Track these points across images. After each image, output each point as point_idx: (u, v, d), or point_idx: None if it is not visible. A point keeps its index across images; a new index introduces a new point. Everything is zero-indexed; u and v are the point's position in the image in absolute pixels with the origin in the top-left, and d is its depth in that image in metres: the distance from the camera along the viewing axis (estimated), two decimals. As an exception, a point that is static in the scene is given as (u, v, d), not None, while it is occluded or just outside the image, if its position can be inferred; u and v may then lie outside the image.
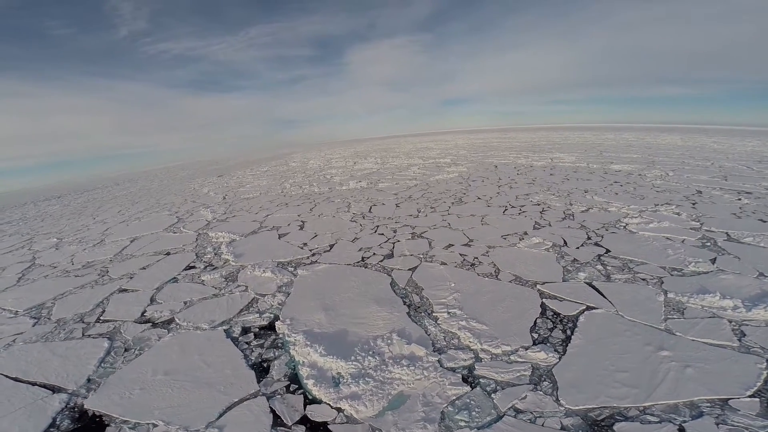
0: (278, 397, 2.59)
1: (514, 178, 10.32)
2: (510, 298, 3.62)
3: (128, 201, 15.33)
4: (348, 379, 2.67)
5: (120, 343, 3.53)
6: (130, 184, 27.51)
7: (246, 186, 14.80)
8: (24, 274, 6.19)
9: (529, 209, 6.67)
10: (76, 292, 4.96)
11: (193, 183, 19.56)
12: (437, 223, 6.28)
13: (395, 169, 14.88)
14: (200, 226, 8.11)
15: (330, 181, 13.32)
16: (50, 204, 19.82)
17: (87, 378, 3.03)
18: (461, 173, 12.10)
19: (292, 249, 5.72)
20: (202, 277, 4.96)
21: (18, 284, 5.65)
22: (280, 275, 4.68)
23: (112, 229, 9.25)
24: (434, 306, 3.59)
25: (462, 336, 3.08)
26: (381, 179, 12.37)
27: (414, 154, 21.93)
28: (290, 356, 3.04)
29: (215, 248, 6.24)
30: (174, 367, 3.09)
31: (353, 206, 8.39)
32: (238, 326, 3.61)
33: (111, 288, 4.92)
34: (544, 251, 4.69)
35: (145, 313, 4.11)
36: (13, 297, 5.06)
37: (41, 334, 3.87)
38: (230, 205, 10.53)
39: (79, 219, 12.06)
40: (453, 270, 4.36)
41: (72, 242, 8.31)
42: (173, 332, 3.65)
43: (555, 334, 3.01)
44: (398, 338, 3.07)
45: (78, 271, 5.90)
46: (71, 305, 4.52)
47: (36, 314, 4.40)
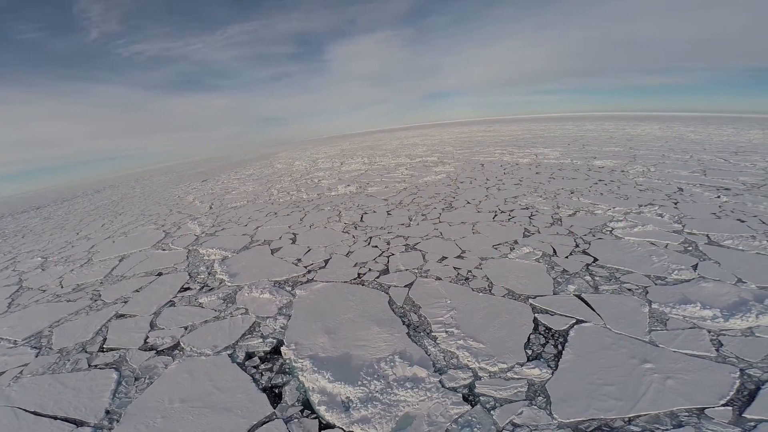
0: (295, 421, 2.72)
1: (501, 178, 10.50)
2: (504, 314, 3.75)
3: (111, 212, 15.00)
4: (357, 403, 2.80)
5: (129, 372, 3.55)
6: (111, 191, 26.85)
7: (232, 192, 14.64)
8: (13, 298, 6.07)
9: (518, 214, 6.84)
10: (72, 318, 4.91)
11: (177, 190, 19.23)
12: (429, 232, 6.39)
13: (383, 170, 14.93)
14: (189, 241, 8.03)
15: (318, 185, 13.29)
16: (29, 216, 19.22)
17: (105, 410, 3.06)
18: (449, 173, 12.24)
19: (286, 266, 5.74)
20: (199, 300, 4.96)
21: (9, 310, 5.55)
22: (278, 296, 4.72)
23: (97, 246, 9.08)
24: (432, 325, 3.70)
25: (460, 355, 3.20)
26: (370, 182, 12.41)
27: (401, 152, 22.00)
28: (299, 382, 3.14)
29: (208, 267, 6.22)
30: (188, 394, 3.16)
31: (344, 215, 8.43)
32: (242, 351, 3.67)
33: (107, 314, 4.88)
34: (535, 262, 4.85)
35: (147, 339, 4.12)
36: (8, 325, 4.98)
37: (46, 365, 3.85)
38: (217, 216, 10.42)
39: (62, 234, 11.77)
40: (448, 285, 4.47)
41: (58, 262, 8.15)
42: (178, 359, 3.69)
43: (547, 350, 3.16)
44: (400, 360, 3.19)
45: (69, 295, 5.82)
46: (70, 333, 4.48)
47: (36, 344, 4.35)
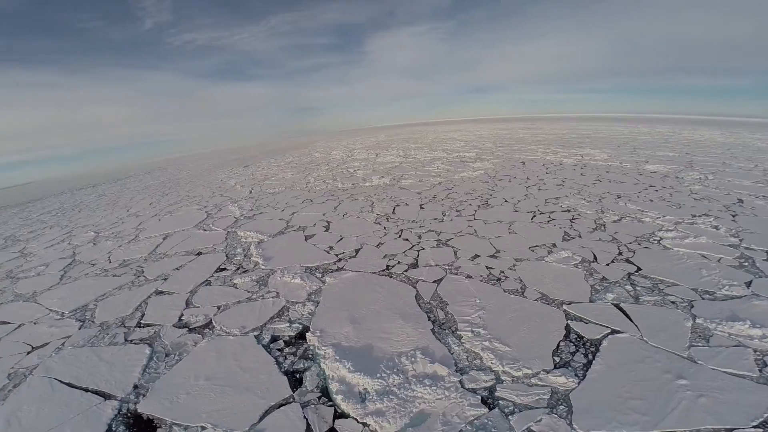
0: (312, 407, 2.76)
1: (543, 177, 10.07)
2: (535, 319, 3.60)
3: (159, 192, 15.89)
4: (374, 395, 2.80)
5: (160, 349, 3.73)
6: (160, 172, 28.45)
7: (271, 179, 15.05)
8: (66, 271, 6.56)
9: (558, 216, 6.53)
10: (116, 293, 5.23)
11: (220, 173, 20.04)
12: (463, 229, 6.24)
13: (418, 164, 14.77)
14: (229, 223, 8.35)
15: (353, 175, 13.38)
16: (86, 193, 20.78)
17: (134, 384, 3.22)
18: (487, 170, 11.90)
19: (319, 253, 5.82)
20: (234, 281, 5.14)
21: (61, 282, 6.00)
22: (308, 282, 4.79)
23: (145, 223, 9.64)
24: (458, 323, 3.62)
25: (485, 357, 3.12)
26: (404, 175, 12.32)
27: (437, 146, 21.67)
28: (321, 369, 3.18)
29: (245, 249, 6.43)
30: (213, 372, 3.28)
31: (377, 206, 8.42)
32: (269, 333, 3.77)
33: (148, 290, 5.16)
34: (573, 267, 4.61)
35: (182, 317, 4.31)
36: (58, 296, 5.38)
37: (87, 338, 4.11)
38: (257, 200, 10.76)
39: (114, 211, 12.61)
40: (478, 284, 4.35)
41: (108, 237, 8.73)
42: (208, 338, 3.83)
43: (577, 358, 3.02)
44: (422, 356, 3.14)
45: (115, 270, 6.22)
46: (112, 307, 4.77)
47: (81, 317, 4.67)
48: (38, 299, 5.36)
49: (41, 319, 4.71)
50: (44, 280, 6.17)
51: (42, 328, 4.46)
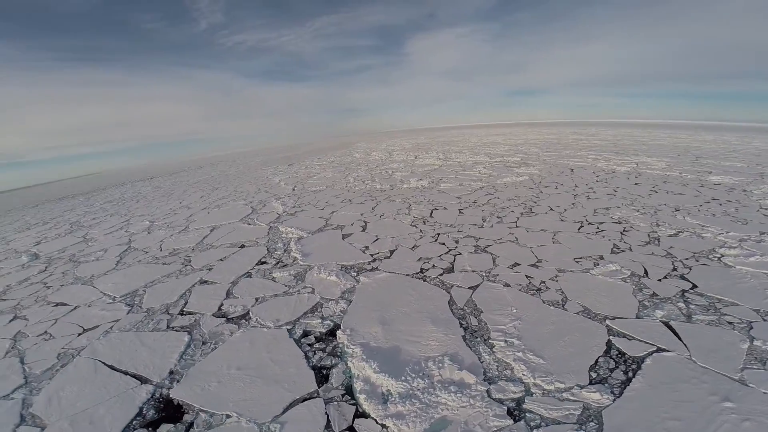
0: (334, 404, 2.79)
1: (593, 185, 9.54)
2: (574, 332, 3.42)
3: (209, 186, 16.79)
4: (396, 397, 2.78)
5: (198, 337, 3.92)
6: (211, 168, 30.08)
7: (313, 177, 15.44)
8: (121, 257, 7.09)
9: (608, 228, 6.15)
10: (164, 281, 5.57)
11: (265, 171, 20.86)
12: (503, 236, 6.05)
13: (459, 167, 14.52)
14: (272, 219, 8.65)
15: (391, 177, 13.40)
16: (144, 185, 22.41)
17: (170, 370, 3.39)
18: (532, 176, 11.47)
19: (354, 252, 5.88)
20: (273, 274, 5.31)
21: (116, 268, 6.48)
22: (343, 280, 4.85)
23: (195, 215, 10.23)
24: (492, 332, 3.51)
25: (516, 368, 3.01)
26: (443, 178, 12.17)
27: (479, 150, 21.21)
28: (347, 367, 3.20)
29: (285, 244, 6.63)
30: (245, 362, 3.39)
31: (414, 208, 8.37)
32: (301, 328, 3.86)
33: (193, 279, 5.45)
34: (620, 281, 4.32)
35: (221, 307, 4.51)
36: (113, 281, 5.81)
37: (133, 323, 4.39)
38: (299, 197, 11.08)
39: (168, 202, 13.48)
40: (516, 293, 4.19)
41: (161, 226, 9.34)
42: (243, 328, 3.99)
43: (615, 375, 2.86)
44: (450, 362, 3.08)
45: (165, 258, 6.63)
46: (159, 294, 5.08)
47: (130, 302, 5.00)
48: (95, 283, 5.83)
49: (95, 302, 5.11)
50: (101, 265, 6.70)
51: (94, 311, 4.83)
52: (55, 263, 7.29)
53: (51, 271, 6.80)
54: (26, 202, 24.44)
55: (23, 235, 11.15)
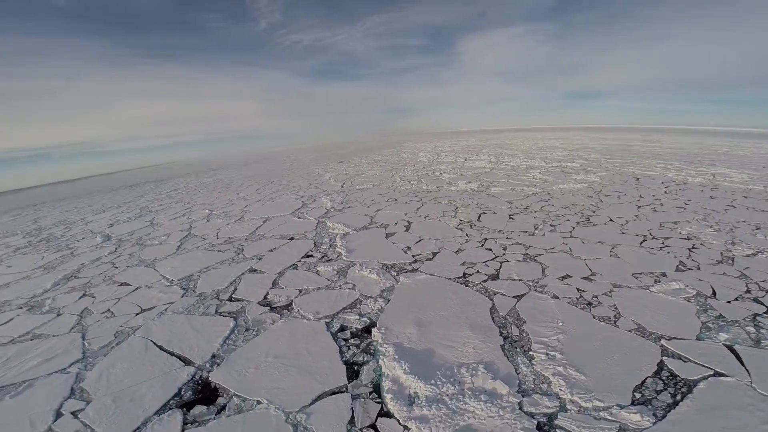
0: (360, 400, 2.80)
1: (660, 197, 8.74)
2: (623, 350, 3.17)
3: (265, 180, 17.62)
4: (423, 400, 2.73)
5: (243, 323, 4.10)
6: (268, 163, 31.58)
7: (361, 175, 15.64)
8: (182, 243, 7.62)
9: (674, 243, 5.59)
10: (217, 267, 5.90)
11: (317, 167, 21.50)
12: (556, 245, 5.71)
13: (511, 171, 13.99)
14: (320, 214, 8.89)
15: (438, 178, 13.21)
16: (206, 176, 24.01)
17: (212, 354, 3.57)
18: (592, 184, 10.75)
19: (396, 252, 5.85)
20: (317, 268, 5.44)
21: (176, 253, 6.97)
22: (383, 278, 4.84)
23: (250, 206, 10.77)
24: (533, 344, 3.33)
25: (554, 382, 2.84)
26: (494, 182, 11.77)
27: (535, 154, 20.27)
28: (378, 365, 3.20)
29: (331, 239, 6.77)
30: (282, 351, 3.49)
31: (461, 211, 8.17)
32: (339, 322, 3.91)
33: (243, 267, 5.73)
34: (683, 300, 3.91)
35: (267, 296, 4.69)
36: (172, 265, 6.25)
37: (186, 306, 4.67)
38: (347, 194, 11.28)
39: (226, 193, 14.33)
40: (565, 306, 3.93)
41: (219, 216, 9.93)
42: (285, 318, 4.11)
43: (661, 397, 2.64)
44: (484, 371, 2.97)
45: (221, 246, 7.03)
46: (212, 280, 5.38)
47: (185, 285, 5.34)
48: (156, 266, 6.31)
49: (155, 284, 5.52)
50: (164, 249, 7.25)
51: (153, 292, 5.21)
52: (124, 245, 8.01)
53: (120, 252, 7.48)
54: (105, 187, 27.24)
55: (99, 217, 12.41)
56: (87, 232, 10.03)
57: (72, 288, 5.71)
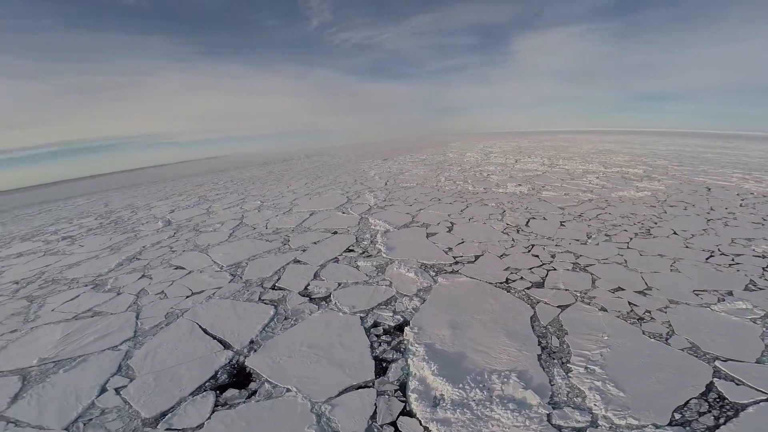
0: (385, 397, 2.81)
1: (734, 210, 7.88)
2: (670, 369, 2.93)
3: (313, 175, 18.17)
4: (447, 403, 2.68)
5: (282, 312, 4.25)
6: (316, 158, 32.53)
7: (405, 174, 15.63)
8: (234, 231, 8.06)
9: (746, 261, 5.01)
10: (264, 256, 6.17)
11: (362, 164, 21.79)
12: (609, 256, 5.34)
13: (566, 175, 13.28)
14: (363, 210, 9.01)
15: (486, 180, 12.85)
16: (259, 169, 25.21)
17: (250, 340, 3.72)
18: (656, 192, 9.93)
19: (437, 252, 5.78)
20: (357, 262, 5.53)
21: (228, 240, 7.38)
22: (421, 278, 4.81)
23: (298, 199, 11.17)
24: (573, 356, 3.16)
25: (589, 397, 2.68)
26: (546, 185, 11.24)
27: (593, 158, 19.09)
28: (407, 364, 3.18)
29: (372, 236, 6.84)
30: (316, 342, 3.58)
31: (508, 215, 7.90)
32: (373, 318, 3.94)
33: (288, 257, 5.95)
34: (748, 321, 3.51)
35: (307, 287, 4.84)
36: (223, 252, 6.63)
37: (232, 291, 4.92)
38: (390, 192, 11.33)
39: (277, 186, 14.95)
40: (612, 320, 3.68)
41: (269, 207, 10.39)
42: (322, 309, 4.21)
43: (703, 420, 2.43)
44: (516, 379, 2.85)
45: (269, 236, 7.35)
46: (258, 268, 5.63)
47: (233, 272, 5.63)
48: (209, 252, 6.71)
49: (206, 269, 5.87)
50: (217, 236, 7.71)
51: (204, 277, 5.54)
52: (182, 230, 8.63)
53: (177, 237, 8.06)
54: (170, 176, 29.49)
55: (162, 203, 13.47)
56: (150, 216, 10.93)
57: (133, 269, 6.24)
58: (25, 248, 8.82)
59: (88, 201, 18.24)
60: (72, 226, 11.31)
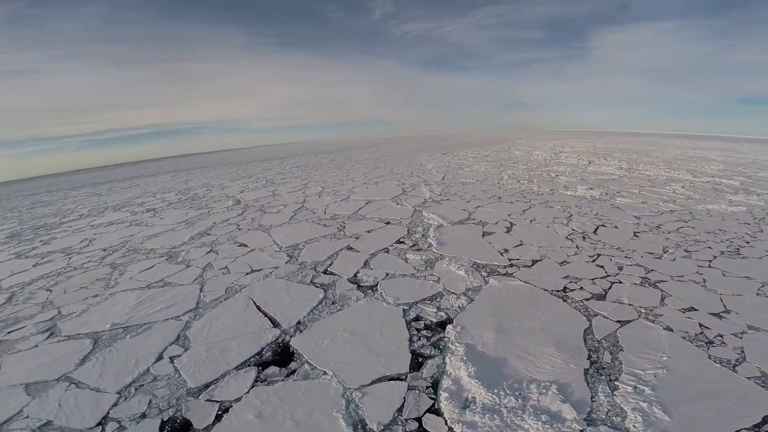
0: (415, 392, 2.80)
1: None
2: (729, 397, 2.64)
3: (371, 165, 18.47)
4: (478, 407, 2.61)
5: (330, 296, 4.40)
6: (376, 149, 32.96)
7: (465, 169, 15.25)
8: (295, 214, 8.49)
9: None
10: (320, 240, 6.43)
11: (420, 157, 21.65)
12: (686, 274, 4.79)
13: (646, 182, 12.06)
14: (418, 202, 8.99)
15: (553, 180, 12.09)
16: (322, 157, 26.20)
17: (298, 321, 3.89)
18: (753, 208, 8.67)
19: (491, 252, 5.60)
20: (407, 255, 5.55)
21: (289, 222, 7.80)
22: (471, 277, 4.69)
23: (356, 188, 11.44)
24: (623, 374, 2.93)
25: (630, 417, 2.50)
26: (622, 191, 10.32)
27: (680, 165, 17.12)
28: (443, 362, 3.14)
29: (425, 229, 6.81)
30: (358, 329, 3.66)
31: (575, 220, 7.39)
32: (416, 312, 3.95)
33: (342, 244, 6.14)
34: None
35: (357, 274, 4.97)
36: (284, 233, 7.01)
37: (288, 272, 5.18)
38: (447, 186, 11.15)
39: (338, 174, 15.43)
40: (676, 341, 3.33)
41: (329, 193, 10.77)
42: (368, 298, 4.30)
43: None
44: (555, 392, 2.70)
45: (326, 221, 7.64)
46: (313, 252, 5.88)
47: (291, 253, 5.93)
48: (271, 232, 7.14)
49: (266, 248, 6.24)
50: (279, 218, 8.18)
51: (263, 256, 5.89)
52: (248, 210, 9.27)
53: (244, 216, 8.67)
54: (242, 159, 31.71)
55: (234, 184, 14.55)
56: (222, 195, 11.88)
57: (203, 243, 6.83)
58: (115, 218, 10.07)
59: (171, 178, 20.31)
60: (156, 199, 12.68)
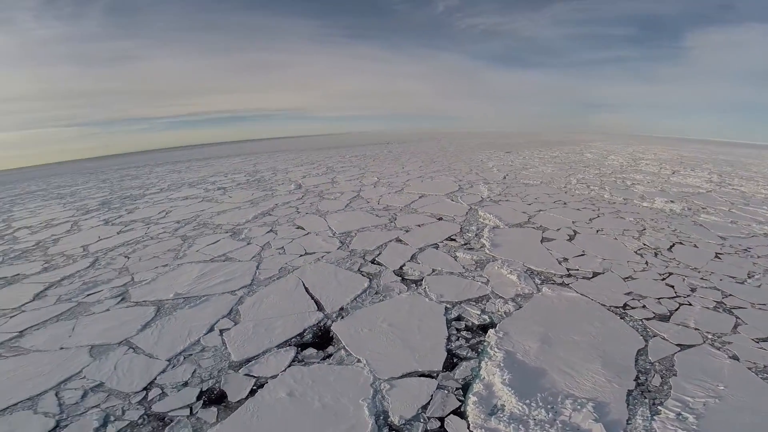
0: (443, 392, 2.77)
1: None
2: None
3: (428, 159, 18.33)
4: (505, 416, 2.54)
5: (374, 286, 4.48)
6: (434, 143, 32.65)
7: (529, 169, 14.51)
8: (350, 203, 8.73)
9: None
10: (371, 230, 6.56)
11: (481, 154, 20.99)
12: (771, 303, 4.21)
13: (739, 199, 10.62)
14: (474, 201, 8.77)
15: (628, 189, 11.09)
16: (379, 149, 26.51)
17: (341, 306, 4.01)
18: None
19: (549, 259, 5.31)
20: (456, 253, 5.47)
21: (344, 210, 8.05)
22: (523, 283, 4.50)
23: (411, 181, 11.45)
24: (670, 399, 2.69)
25: None
26: (708, 207, 9.20)
27: (786, 181, 14.86)
28: (479, 365, 3.07)
29: (478, 228, 6.65)
30: (397, 321, 3.69)
31: (648, 234, 6.74)
32: (458, 312, 3.89)
33: (392, 235, 6.21)
34: None
35: (403, 267, 5.00)
36: (338, 220, 7.25)
37: (338, 258, 5.35)
38: (508, 186, 10.72)
39: (393, 165, 15.56)
40: (740, 371, 2.99)
41: (384, 184, 10.91)
42: (411, 291, 4.31)
43: None
44: (591, 410, 2.54)
45: (379, 212, 7.77)
46: (364, 240, 6.03)
47: (343, 240, 6.13)
48: (326, 217, 7.43)
49: (321, 233, 6.50)
50: (335, 204, 8.47)
51: (317, 240, 6.15)
52: (308, 195, 9.70)
53: (304, 200, 9.11)
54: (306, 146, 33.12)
55: (297, 169, 15.30)
56: (286, 179, 12.55)
57: (264, 223, 7.29)
58: (190, 193, 11.10)
59: (242, 161, 21.87)
60: (226, 179, 13.77)
